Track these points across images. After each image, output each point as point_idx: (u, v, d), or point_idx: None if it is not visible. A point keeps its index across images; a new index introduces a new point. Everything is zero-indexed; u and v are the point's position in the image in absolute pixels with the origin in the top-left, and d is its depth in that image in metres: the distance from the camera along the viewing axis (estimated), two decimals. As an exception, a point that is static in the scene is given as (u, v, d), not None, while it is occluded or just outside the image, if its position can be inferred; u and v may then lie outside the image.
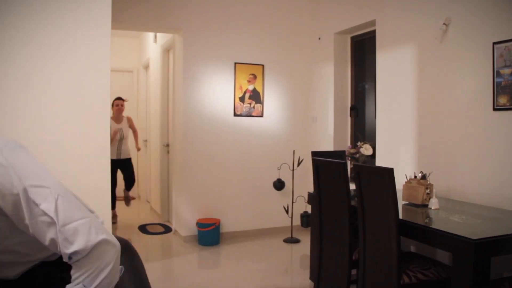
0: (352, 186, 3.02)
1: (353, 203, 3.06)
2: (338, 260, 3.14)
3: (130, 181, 6.19)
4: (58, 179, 1.96)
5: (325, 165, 3.24)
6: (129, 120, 6.17)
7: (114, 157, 5.64)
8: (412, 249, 3.64)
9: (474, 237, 2.27)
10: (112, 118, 5.71)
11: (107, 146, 2.39)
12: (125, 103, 6.13)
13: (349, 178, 3.21)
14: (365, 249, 2.84)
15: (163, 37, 5.91)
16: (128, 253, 2.09)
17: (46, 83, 2.25)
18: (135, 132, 6.30)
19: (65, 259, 1.19)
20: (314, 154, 4.26)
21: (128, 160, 6.11)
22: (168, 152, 5.99)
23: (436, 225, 2.64)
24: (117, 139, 5.80)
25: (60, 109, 2.29)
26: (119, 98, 5.99)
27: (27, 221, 1.17)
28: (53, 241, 1.17)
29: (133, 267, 2.11)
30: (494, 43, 3.28)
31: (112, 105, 5.93)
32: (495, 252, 2.35)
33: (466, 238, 2.28)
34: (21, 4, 2.09)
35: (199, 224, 5.00)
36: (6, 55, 2.14)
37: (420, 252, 3.37)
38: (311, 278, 3.86)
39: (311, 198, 3.86)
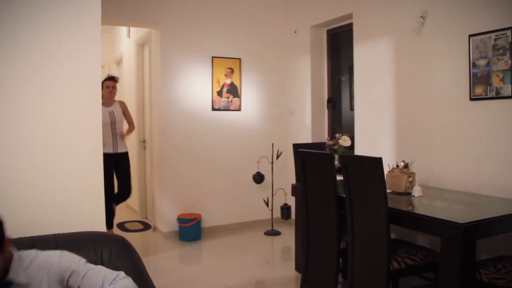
0: (337, 177, 3.08)
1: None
2: (326, 249, 3.20)
3: (124, 192, 5.04)
4: (47, 176, 1.96)
5: (311, 156, 3.28)
6: (122, 104, 5.00)
7: (110, 151, 4.75)
8: (392, 236, 3.75)
9: (462, 221, 2.36)
10: (102, 103, 4.66)
11: (99, 141, 2.35)
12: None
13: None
14: (353, 237, 2.91)
15: (137, 32, 5.82)
16: (127, 250, 2.08)
17: (32, 75, 2.19)
18: (131, 124, 5.05)
19: None
20: (295, 146, 4.32)
21: (125, 156, 4.98)
22: (144, 148, 5.92)
23: (423, 211, 2.72)
24: (108, 125, 4.69)
25: (48, 103, 2.23)
26: (110, 79, 4.91)
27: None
28: None
29: (133, 261, 2.11)
30: (470, 36, 3.40)
31: (102, 87, 4.71)
32: (480, 235, 2.46)
33: (454, 223, 2.38)
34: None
35: (180, 220, 4.98)
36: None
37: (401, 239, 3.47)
38: (296, 269, 3.91)
39: (295, 190, 3.91)
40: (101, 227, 2.37)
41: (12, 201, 2.14)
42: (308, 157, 3.31)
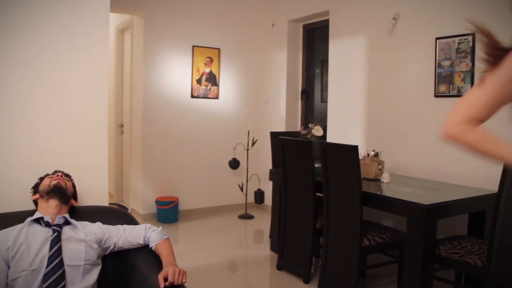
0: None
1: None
2: (302, 229, 3.50)
3: None
4: (54, 153, 2.20)
5: (291, 143, 3.56)
6: None
7: None
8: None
9: (426, 203, 2.71)
10: None
11: (104, 121, 2.53)
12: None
13: (312, 156, 3.55)
14: (329, 217, 3.21)
15: (117, 18, 5.90)
16: (132, 222, 2.31)
17: (43, 59, 2.35)
18: None
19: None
20: (273, 134, 4.60)
21: None
22: (122, 132, 6.04)
23: (392, 195, 3.05)
24: None
25: (56, 85, 2.40)
26: None
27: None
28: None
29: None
30: (436, 38, 3.75)
31: None
32: (441, 215, 2.81)
33: (419, 204, 2.72)
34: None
35: (158, 202, 5.16)
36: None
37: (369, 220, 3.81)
38: (271, 249, 4.20)
39: (272, 175, 4.19)
40: (105, 201, 2.57)
41: (20, 177, 2.30)
42: (288, 144, 3.58)
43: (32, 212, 2.07)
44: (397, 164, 4.06)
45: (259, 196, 5.54)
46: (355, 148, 2.94)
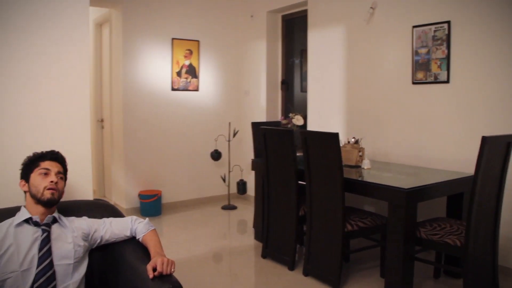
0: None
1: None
2: (286, 217, 3.55)
3: None
4: (38, 148, 2.11)
5: (273, 133, 3.59)
6: None
7: None
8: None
9: (406, 187, 2.78)
10: None
11: (86, 115, 2.53)
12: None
13: (294, 144, 3.59)
14: (311, 204, 3.27)
15: (95, 12, 5.82)
16: (117, 215, 2.32)
17: (23, 55, 2.33)
18: None
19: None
20: (254, 124, 4.63)
21: None
22: (102, 127, 5.99)
23: (373, 180, 3.12)
24: None
25: (37, 81, 2.38)
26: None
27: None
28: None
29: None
30: (413, 27, 3.82)
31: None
32: (420, 198, 2.89)
33: (400, 188, 2.79)
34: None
35: (141, 196, 5.16)
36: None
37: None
38: (256, 238, 4.25)
39: (255, 164, 4.22)
40: (89, 195, 2.57)
41: (3, 172, 2.28)
42: (270, 133, 3.62)
43: (16, 209, 2.04)
44: (377, 151, 4.14)
45: (241, 186, 5.57)
46: (335, 136, 2.99)
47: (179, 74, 5.49)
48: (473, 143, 3.42)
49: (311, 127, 4.95)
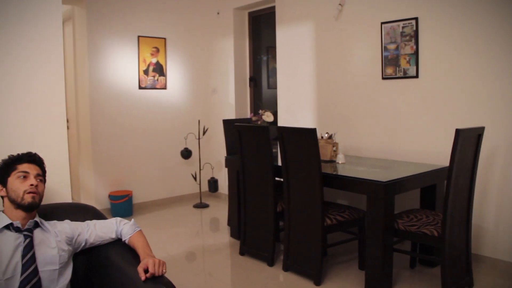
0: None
1: (276, 162, 3.47)
2: (263, 213, 3.56)
3: None
4: (14, 151, 2.01)
5: (248, 129, 3.59)
6: None
7: None
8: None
9: (384, 180, 2.85)
10: None
11: (62, 115, 2.45)
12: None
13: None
14: (289, 200, 3.29)
15: (54, 7, 5.62)
16: (99, 218, 2.26)
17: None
18: None
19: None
20: (225, 122, 4.62)
21: None
22: (67, 127, 5.78)
23: (350, 174, 3.17)
24: None
25: (10, 82, 2.29)
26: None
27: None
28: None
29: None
30: (382, 23, 3.91)
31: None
32: (398, 190, 2.97)
33: (378, 181, 2.86)
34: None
35: (111, 197, 5.04)
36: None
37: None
38: (231, 235, 4.24)
39: (228, 162, 4.21)
40: (68, 198, 2.49)
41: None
42: (245, 130, 3.61)
43: None
44: (348, 146, 4.22)
45: (213, 184, 5.55)
46: (313, 131, 3.02)
47: (146, 72, 5.39)
48: (442, 136, 3.55)
49: (281, 123, 4.98)
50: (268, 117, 5.25)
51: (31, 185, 1.90)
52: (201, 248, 4.08)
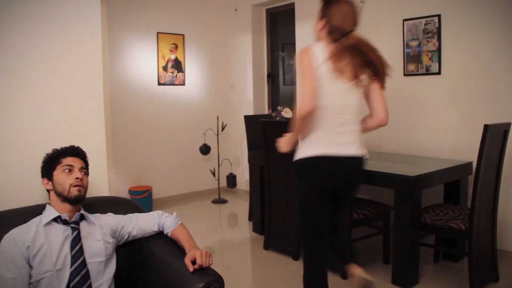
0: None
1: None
2: (288, 208, 3.60)
3: None
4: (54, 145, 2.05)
5: (273, 125, 3.64)
6: None
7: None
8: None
9: (412, 175, 2.89)
10: None
11: (100, 107, 2.51)
12: None
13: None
14: (316, 195, 3.33)
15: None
16: (140, 212, 2.32)
17: (40, 51, 2.30)
18: None
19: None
20: (247, 118, 4.67)
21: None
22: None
23: (376, 169, 3.21)
24: None
25: (51, 76, 2.35)
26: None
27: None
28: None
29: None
30: (404, 20, 3.94)
31: None
32: (425, 185, 3.02)
33: (406, 176, 2.90)
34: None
35: (132, 192, 5.11)
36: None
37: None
38: (254, 230, 4.29)
39: (251, 157, 4.26)
40: (105, 192, 2.55)
41: (22, 171, 2.25)
42: (270, 126, 3.66)
43: (38, 209, 2.01)
44: (370, 141, 4.25)
45: (231, 180, 5.60)
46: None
47: (165, 68, 5.45)
48: (464, 132, 3.59)
49: (301, 119, 5.01)
50: (286, 113, 5.29)
51: (77, 178, 1.95)
52: (223, 243, 4.14)
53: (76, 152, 2.05)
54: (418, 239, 3.00)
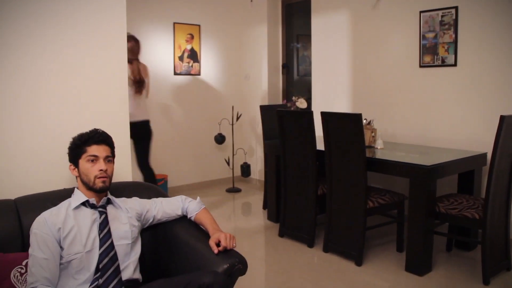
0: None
1: (318, 147, 3.57)
2: (304, 196, 3.68)
3: None
4: (80, 125, 2.13)
5: (290, 114, 3.70)
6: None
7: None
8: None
9: (428, 164, 2.95)
10: None
11: (125, 86, 2.57)
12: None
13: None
14: (332, 183, 3.40)
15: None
16: (163, 196, 2.39)
17: (69, 39, 2.38)
18: None
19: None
20: (262, 108, 4.73)
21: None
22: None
23: (393, 159, 3.26)
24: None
25: (77, 65, 2.42)
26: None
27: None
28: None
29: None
30: (420, 12, 3.97)
31: None
32: (440, 175, 3.07)
33: (422, 166, 2.96)
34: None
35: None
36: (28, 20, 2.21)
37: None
38: (269, 218, 4.37)
39: (267, 147, 4.33)
40: (129, 177, 2.63)
41: (49, 156, 2.34)
42: (287, 115, 3.72)
43: (67, 192, 2.08)
44: (384, 132, 4.30)
45: (245, 169, 5.68)
46: (358, 116, 3.12)
47: (181, 58, 5.52)
48: (479, 123, 3.63)
49: (315, 110, 5.06)
50: (301, 103, 5.33)
51: (101, 170, 1.98)
52: (239, 231, 4.23)
53: (100, 138, 2.05)
54: (432, 228, 3.06)
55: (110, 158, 2.07)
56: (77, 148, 2.02)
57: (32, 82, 2.27)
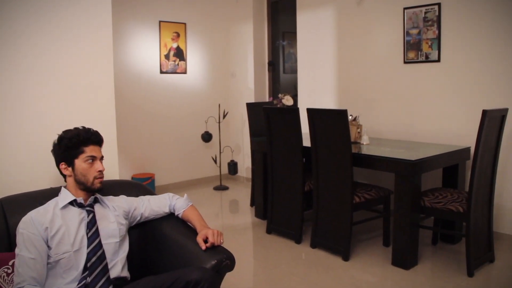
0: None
1: (304, 143, 3.59)
2: (291, 192, 3.70)
3: None
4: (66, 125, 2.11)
5: (277, 112, 3.71)
6: None
7: None
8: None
9: (413, 159, 2.99)
10: None
11: (111, 94, 2.56)
12: None
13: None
14: (318, 179, 3.43)
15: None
16: (149, 193, 2.39)
17: (55, 39, 2.36)
18: None
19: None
20: (249, 105, 4.74)
21: None
22: (88, 111, 5.92)
23: (378, 154, 3.30)
24: None
25: (67, 72, 2.41)
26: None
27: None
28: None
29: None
30: (404, 8, 4.01)
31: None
32: (425, 169, 3.11)
33: (407, 160, 3.00)
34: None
35: (135, 179, 5.18)
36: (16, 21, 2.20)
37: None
38: (256, 215, 4.39)
39: (254, 144, 4.34)
40: (116, 175, 2.63)
41: (35, 155, 2.33)
42: (273, 112, 3.74)
43: (53, 192, 2.06)
44: (369, 128, 4.33)
45: (232, 167, 5.69)
46: (344, 112, 3.14)
47: (167, 57, 5.50)
48: (462, 118, 3.68)
49: (301, 106, 5.07)
50: (287, 100, 5.34)
51: (99, 171, 1.99)
52: (226, 228, 4.23)
53: (97, 139, 2.04)
54: (417, 222, 3.10)
55: (103, 158, 2.09)
56: (74, 148, 1.98)
57: (16, 82, 2.25)
